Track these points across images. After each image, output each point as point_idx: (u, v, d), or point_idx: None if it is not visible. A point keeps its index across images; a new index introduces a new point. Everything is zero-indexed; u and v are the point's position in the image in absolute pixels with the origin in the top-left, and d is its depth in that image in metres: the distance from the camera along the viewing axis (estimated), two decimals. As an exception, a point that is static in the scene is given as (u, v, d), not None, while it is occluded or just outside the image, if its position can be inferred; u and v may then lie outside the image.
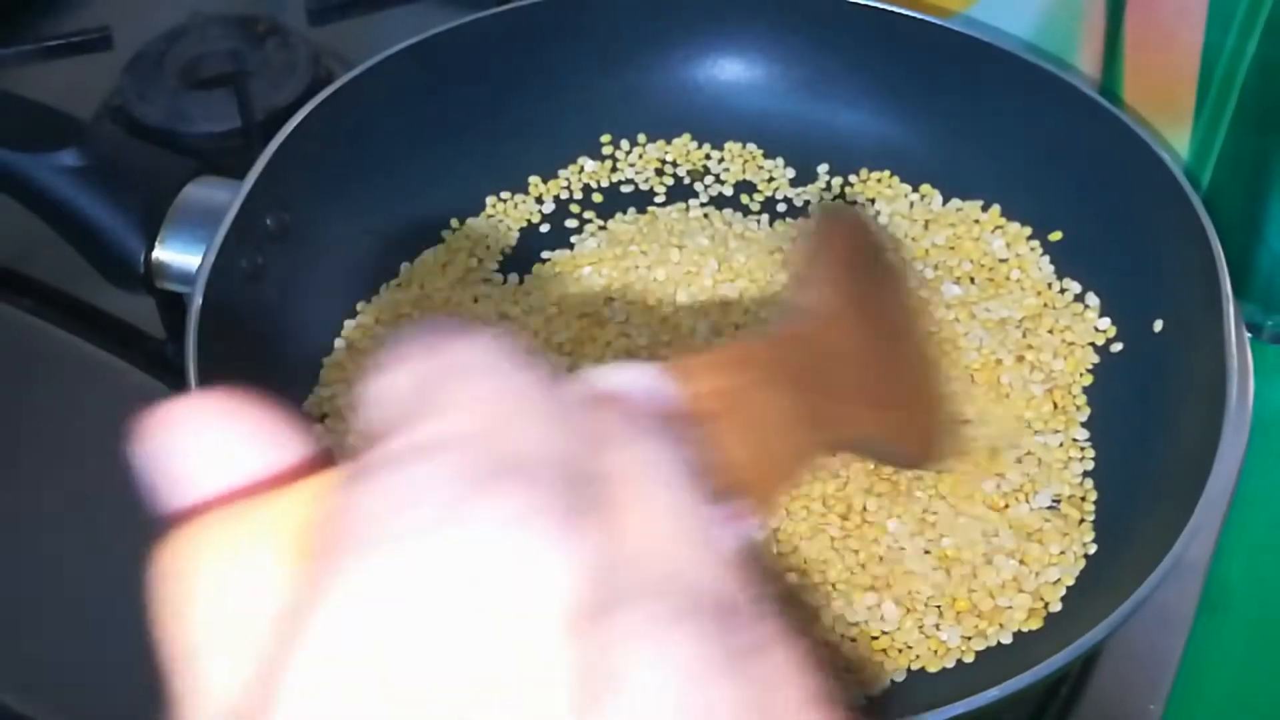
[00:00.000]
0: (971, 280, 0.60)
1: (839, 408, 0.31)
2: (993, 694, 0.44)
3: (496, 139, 0.64)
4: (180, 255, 0.56)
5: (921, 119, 0.64)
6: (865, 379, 0.33)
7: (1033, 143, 0.62)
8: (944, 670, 0.49)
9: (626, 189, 0.64)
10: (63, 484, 0.55)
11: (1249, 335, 0.57)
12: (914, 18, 0.63)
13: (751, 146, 0.65)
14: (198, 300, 0.52)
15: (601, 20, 0.65)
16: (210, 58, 0.69)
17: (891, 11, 0.63)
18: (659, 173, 0.64)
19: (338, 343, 0.58)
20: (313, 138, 0.58)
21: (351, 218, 0.60)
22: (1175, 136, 0.63)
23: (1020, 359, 0.57)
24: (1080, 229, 0.61)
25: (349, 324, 0.58)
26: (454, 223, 0.62)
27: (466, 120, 0.63)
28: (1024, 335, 0.57)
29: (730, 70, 0.66)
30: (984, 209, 0.63)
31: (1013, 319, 0.58)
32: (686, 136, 0.65)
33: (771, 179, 0.64)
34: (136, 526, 0.28)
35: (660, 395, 0.23)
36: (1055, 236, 0.61)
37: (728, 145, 0.65)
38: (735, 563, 0.19)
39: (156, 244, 0.56)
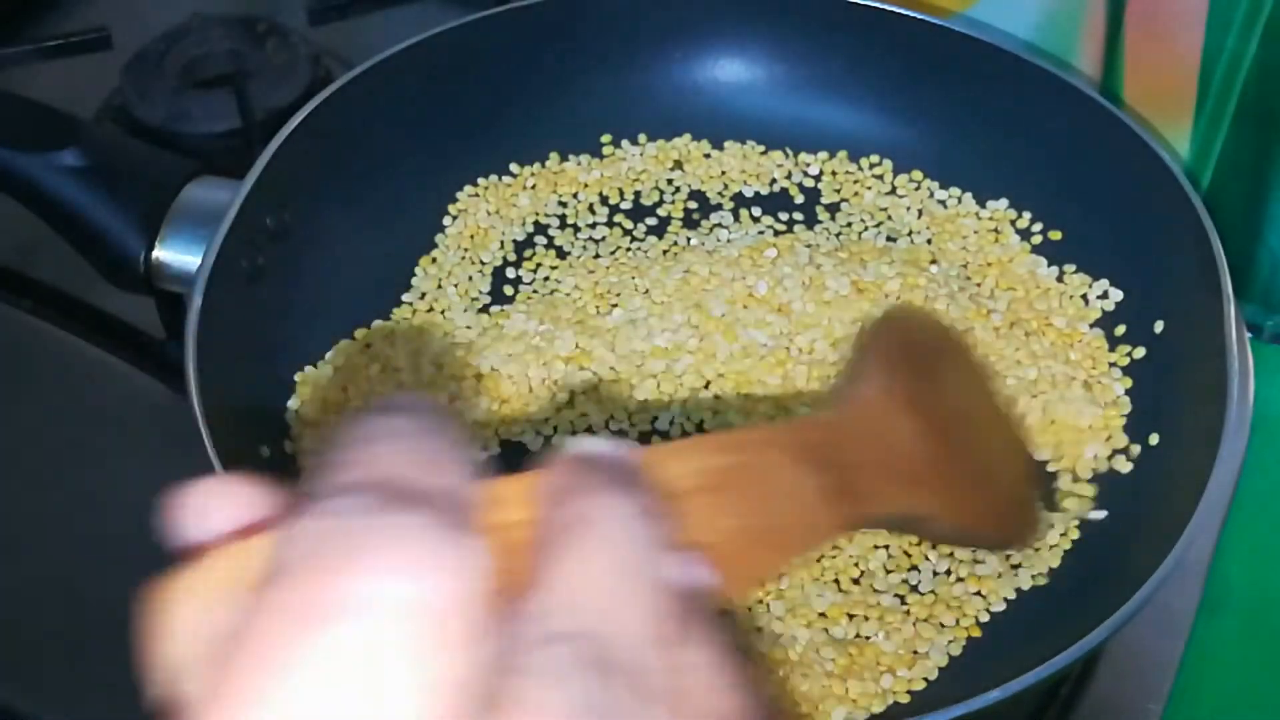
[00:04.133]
0: (970, 279, 0.60)
1: (872, 485, 0.32)
2: (994, 695, 0.44)
3: (496, 139, 0.64)
4: (180, 255, 0.56)
5: (922, 119, 0.64)
6: (910, 460, 0.34)
7: (1033, 143, 0.62)
8: (931, 679, 0.49)
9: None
10: (63, 484, 0.55)
11: (1249, 335, 0.56)
12: (914, 18, 0.63)
13: (751, 145, 0.65)
14: (198, 300, 0.52)
15: (602, 20, 0.65)
16: (210, 58, 0.69)
17: (892, 11, 0.64)
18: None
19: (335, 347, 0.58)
20: (313, 138, 0.58)
21: (351, 218, 0.60)
22: (1175, 137, 0.63)
23: (1018, 360, 0.57)
24: (1081, 229, 0.61)
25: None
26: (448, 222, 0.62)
27: (466, 120, 0.63)
28: (1026, 335, 0.57)
29: (730, 70, 0.66)
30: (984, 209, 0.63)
31: (1013, 318, 0.58)
32: (687, 136, 0.65)
33: (773, 181, 0.64)
34: (136, 526, 0.29)
35: (630, 464, 0.24)
36: (1056, 236, 0.61)
37: (728, 144, 0.65)
38: (683, 613, 0.22)
39: (156, 244, 0.56)
